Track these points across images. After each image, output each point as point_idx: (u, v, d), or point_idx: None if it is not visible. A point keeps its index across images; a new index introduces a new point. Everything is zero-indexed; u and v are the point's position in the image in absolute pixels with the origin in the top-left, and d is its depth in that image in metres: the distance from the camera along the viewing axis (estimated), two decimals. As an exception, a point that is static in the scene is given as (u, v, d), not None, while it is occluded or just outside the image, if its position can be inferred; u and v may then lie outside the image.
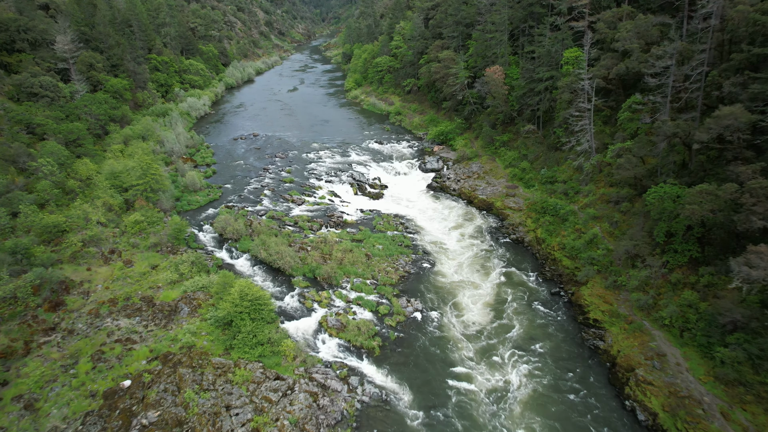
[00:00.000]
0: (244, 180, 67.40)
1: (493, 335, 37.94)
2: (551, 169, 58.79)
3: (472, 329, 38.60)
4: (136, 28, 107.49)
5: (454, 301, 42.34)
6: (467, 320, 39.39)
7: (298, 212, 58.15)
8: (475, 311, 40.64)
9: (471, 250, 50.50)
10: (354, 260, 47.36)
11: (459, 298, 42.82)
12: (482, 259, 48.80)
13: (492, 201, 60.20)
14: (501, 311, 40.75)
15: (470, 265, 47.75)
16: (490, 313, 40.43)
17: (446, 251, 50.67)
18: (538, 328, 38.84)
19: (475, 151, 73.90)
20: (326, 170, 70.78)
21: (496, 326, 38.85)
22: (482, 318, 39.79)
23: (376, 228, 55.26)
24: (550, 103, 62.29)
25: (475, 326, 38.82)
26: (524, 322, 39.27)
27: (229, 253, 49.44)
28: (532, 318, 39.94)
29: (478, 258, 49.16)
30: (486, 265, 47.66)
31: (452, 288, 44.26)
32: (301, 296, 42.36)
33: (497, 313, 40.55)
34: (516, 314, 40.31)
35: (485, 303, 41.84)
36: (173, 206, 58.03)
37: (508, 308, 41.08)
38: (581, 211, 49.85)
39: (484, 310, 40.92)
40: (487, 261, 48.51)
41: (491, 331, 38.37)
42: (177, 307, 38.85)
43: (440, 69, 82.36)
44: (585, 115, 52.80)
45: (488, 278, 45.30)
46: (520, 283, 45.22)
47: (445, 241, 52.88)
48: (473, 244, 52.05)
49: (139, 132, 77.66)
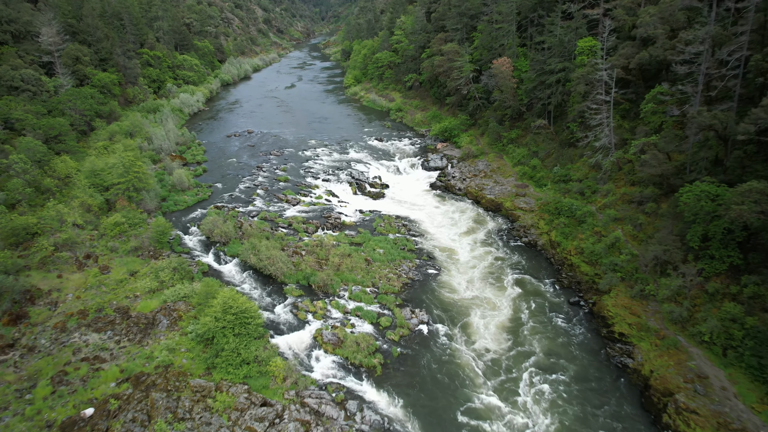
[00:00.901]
0: (236, 179, 63.38)
1: (509, 358, 33.33)
2: (564, 167, 54.76)
3: (486, 355, 33.67)
4: (127, 21, 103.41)
5: (466, 322, 37.03)
6: (480, 347, 34.34)
7: (293, 213, 54.11)
8: (488, 337, 35.32)
9: (482, 259, 46.06)
10: (352, 266, 43.35)
11: (471, 318, 37.46)
12: (494, 267, 44.56)
13: (501, 201, 56.18)
14: (518, 332, 35.81)
15: (482, 278, 42.70)
16: (506, 338, 35.23)
17: (454, 260, 46.39)
18: (559, 345, 34.63)
19: (481, 148, 69.89)
20: (323, 168, 66.77)
21: (513, 350, 34.03)
22: (498, 345, 34.50)
23: (376, 230, 51.22)
24: (563, 97, 58.28)
25: (489, 353, 33.80)
26: (543, 341, 34.82)
27: (216, 258, 45.40)
28: (551, 334, 35.72)
29: (488, 266, 45.08)
30: (498, 274, 43.24)
31: (463, 306, 38.94)
32: (294, 307, 38.31)
33: (514, 334, 35.60)
34: (533, 333, 35.63)
35: (500, 326, 36.49)
36: (158, 207, 53.98)
37: (525, 327, 36.32)
38: (600, 212, 45.82)
39: (499, 334, 35.65)
40: (499, 269, 44.39)
41: (507, 355, 33.74)
42: (155, 319, 34.80)
43: (443, 62, 78.33)
44: (602, 108, 48.79)
45: (503, 294, 40.38)
46: (534, 292, 41.18)
47: (453, 246, 48.69)
48: (483, 249, 47.90)
49: (127, 128, 73.64)
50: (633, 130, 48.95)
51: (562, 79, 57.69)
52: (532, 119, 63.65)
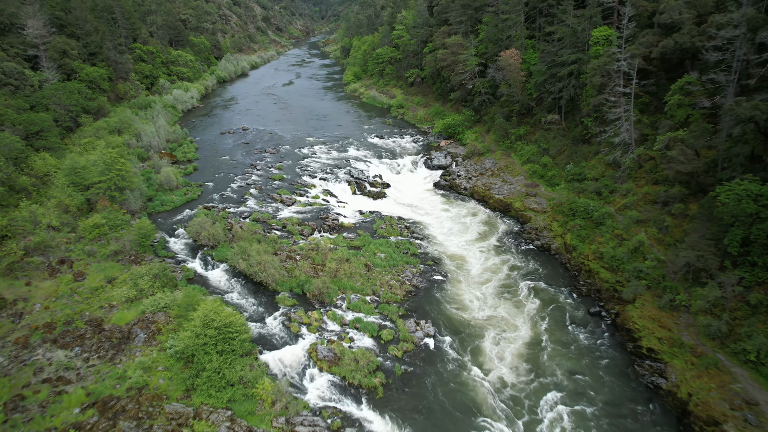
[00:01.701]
0: (228, 177, 59.79)
1: (528, 389, 29.40)
2: (578, 164, 51.17)
3: (502, 387, 29.53)
4: (119, 15, 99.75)
5: (478, 347, 32.50)
6: (495, 377, 29.96)
7: (288, 214, 50.51)
8: (505, 366, 30.72)
9: (496, 270, 42.02)
10: (351, 272, 39.76)
11: (484, 342, 32.86)
12: (509, 279, 40.78)
13: (510, 201, 52.59)
14: (537, 357, 31.48)
15: (496, 294, 38.18)
16: (525, 366, 30.82)
17: (464, 269, 42.62)
18: (582, 366, 30.78)
19: (488, 145, 66.31)
20: (321, 167, 63.19)
21: (532, 378, 29.97)
22: (515, 375, 30.05)
23: (377, 233, 47.63)
24: (576, 90, 54.67)
25: (507, 386, 29.48)
26: (564, 363, 30.91)
27: (203, 263, 41.81)
28: (573, 354, 31.86)
29: (503, 278, 41.47)
30: (513, 287, 39.25)
31: (475, 327, 34.40)
32: (287, 318, 34.71)
33: (532, 360, 31.27)
34: (554, 356, 31.54)
35: (517, 353, 31.88)
36: (144, 207, 50.39)
37: (544, 348, 32.27)
38: (620, 213, 42.25)
39: (516, 361, 31.17)
40: (512, 279, 40.75)
41: (526, 386, 29.70)
42: (131, 332, 31.23)
43: (447, 56, 74.72)
44: (621, 102, 45.22)
45: (520, 311, 35.99)
46: (550, 300, 37.59)
47: (463, 254, 44.95)
48: (497, 259, 44.25)
49: (115, 125, 70.08)
50: (654, 124, 45.41)
51: (574, 72, 54.09)
52: (542, 114, 60.09)
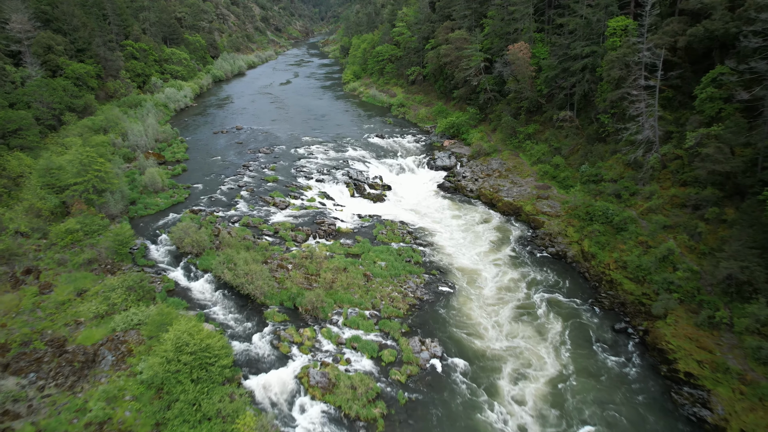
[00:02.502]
0: (219, 179, 56.05)
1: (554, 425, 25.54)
2: (594, 165, 47.42)
3: None
4: (109, 10, 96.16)
5: (494, 385, 27.75)
6: (515, 426, 25.38)
7: (281, 218, 46.75)
8: (526, 414, 26.04)
9: (512, 289, 37.96)
10: (349, 283, 35.99)
11: (501, 379, 28.13)
12: (526, 296, 36.81)
13: (520, 204, 48.83)
14: (562, 393, 27.01)
15: (513, 318, 33.37)
16: (549, 409, 26.22)
17: (475, 284, 38.73)
18: (613, 396, 26.79)
19: (494, 145, 62.59)
20: (318, 167, 59.45)
21: (559, 424, 25.55)
22: (539, 426, 25.30)
23: (377, 239, 43.87)
24: (590, 85, 50.97)
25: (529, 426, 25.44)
26: (593, 394, 26.98)
27: (186, 273, 38.03)
28: (603, 383, 27.66)
29: (519, 294, 37.68)
30: (531, 305, 35.11)
31: (491, 358, 29.66)
32: (275, 336, 30.90)
33: (558, 399, 26.79)
34: (581, 390, 27.20)
35: (540, 394, 27.10)
36: (125, 211, 46.64)
37: (570, 381, 27.95)
38: (643, 218, 38.49)
39: (541, 404, 26.50)
40: (530, 296, 36.86)
41: (552, 423, 25.75)
42: (97, 354, 27.45)
43: (451, 51, 71.08)
44: (641, 96, 41.51)
45: (541, 338, 31.36)
46: (570, 315, 33.80)
47: (474, 267, 41.24)
48: (509, 269, 40.48)
49: (101, 123, 66.40)
50: (678, 121, 41.68)
51: (589, 66, 50.40)
52: (552, 112, 56.41)
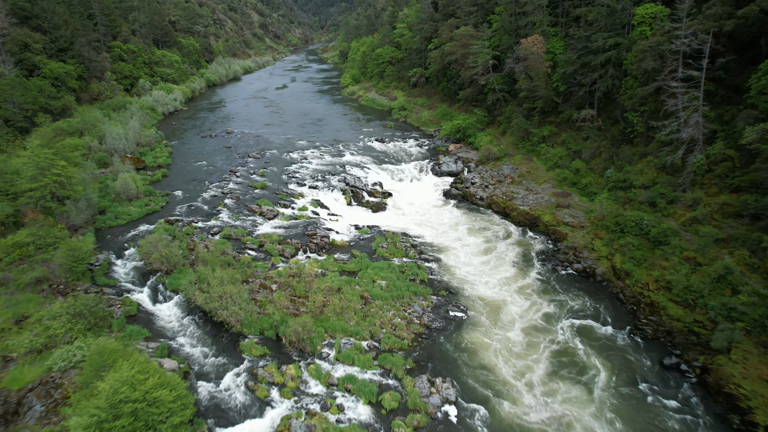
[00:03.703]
0: (202, 186, 50.64)
1: None
2: (621, 169, 42.05)
3: None
4: (96, 9, 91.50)
5: None
6: None
7: (267, 230, 41.27)
8: None
9: (545, 330, 31.71)
10: (343, 307, 30.42)
11: None
12: (565, 339, 31.14)
13: (537, 214, 43.40)
14: None
15: (550, 373, 25.91)
16: None
17: (494, 314, 33.36)
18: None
19: (504, 149, 57.30)
20: (312, 173, 54.08)
21: None
22: None
23: (376, 253, 38.35)
24: (613, 81, 45.77)
25: None
26: None
27: (152, 294, 32.47)
28: None
29: (556, 336, 32.02)
30: (571, 351, 29.20)
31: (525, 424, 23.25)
32: (251, 376, 25.27)
33: None
34: None
35: None
36: (90, 221, 41.19)
37: None
38: (687, 229, 33.02)
39: None
40: (559, 327, 31.31)
41: None
42: (22, 403, 21.83)
43: (456, 48, 66.09)
44: (680, 90, 36.25)
45: (587, 388, 24.90)
46: (606, 346, 28.21)
47: (492, 293, 35.65)
48: (546, 309, 34.51)
49: (77, 125, 61.24)
50: (721, 118, 36.40)
51: (612, 59, 45.25)
52: (570, 111, 51.13)
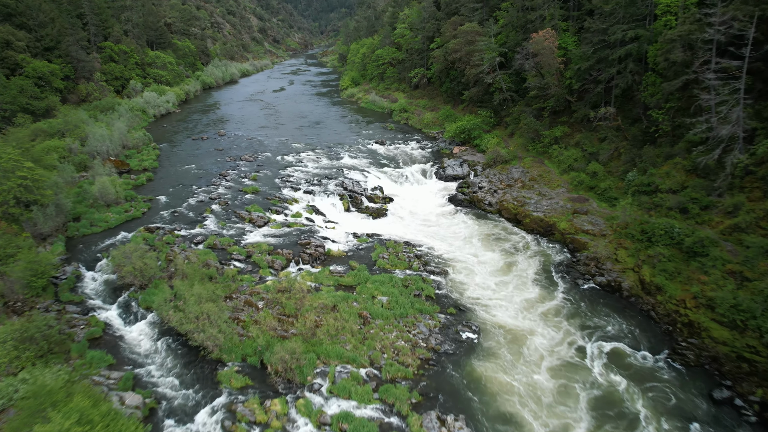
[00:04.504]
0: (188, 190, 46.95)
1: None
2: (645, 172, 38.41)
3: None
4: (86, 8, 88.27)
5: None
6: None
7: (257, 238, 37.51)
8: None
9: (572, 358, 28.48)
10: (338, 327, 26.62)
11: None
12: (600, 379, 27.37)
13: (553, 221, 39.68)
14: None
15: (587, 416, 22.10)
16: None
17: (520, 354, 29.07)
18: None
19: (513, 151, 53.69)
20: (307, 177, 50.41)
21: None
22: None
23: (377, 265, 34.55)
24: (634, 77, 42.25)
25: None
26: None
27: (123, 312, 28.66)
28: None
29: (599, 378, 28.14)
30: (618, 400, 25.86)
31: None
32: (229, 413, 21.40)
33: None
34: None
35: None
36: (62, 228, 37.45)
37: None
38: (727, 239, 29.29)
39: None
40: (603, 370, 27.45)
41: None
42: (-52, 452, 17.99)
43: (461, 46, 62.67)
44: (713, 84, 32.67)
45: None
46: (645, 377, 24.36)
47: (513, 320, 31.67)
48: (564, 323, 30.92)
49: (59, 126, 57.71)
50: (760, 114, 32.80)
51: (633, 53, 41.73)
52: (585, 110, 47.56)
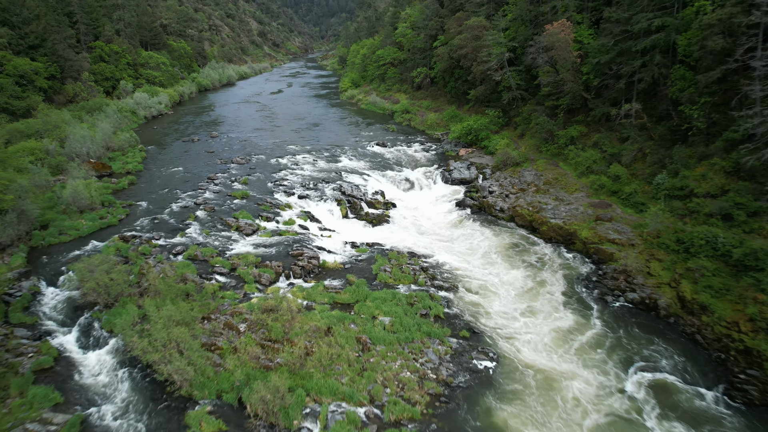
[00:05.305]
0: (173, 195, 43.05)
1: None
2: (677, 174, 34.46)
3: None
4: (76, 6, 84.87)
5: None
6: None
7: (244, 248, 33.51)
8: None
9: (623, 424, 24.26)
10: (333, 355, 22.57)
11: None
12: None
13: (573, 229, 35.67)
14: None
15: None
16: None
17: (555, 407, 25.02)
18: None
19: (525, 153, 49.78)
20: (302, 181, 46.49)
21: None
22: None
23: (378, 279, 30.51)
24: (660, 70, 38.40)
25: None
26: None
27: (83, 336, 24.63)
28: None
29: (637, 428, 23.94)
30: None
31: None
32: (195, 470, 17.44)
33: None
34: None
35: None
36: (25, 237, 33.48)
37: None
38: (784, 250, 25.31)
39: None
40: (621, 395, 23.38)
41: None
42: None
43: (467, 41, 58.91)
44: (759, 73, 28.83)
45: None
46: (700, 418, 20.29)
47: (547, 360, 26.71)
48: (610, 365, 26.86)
49: (38, 127, 54.00)
50: (812, 109, 28.93)
51: (660, 44, 37.91)
52: (603, 108, 43.70)
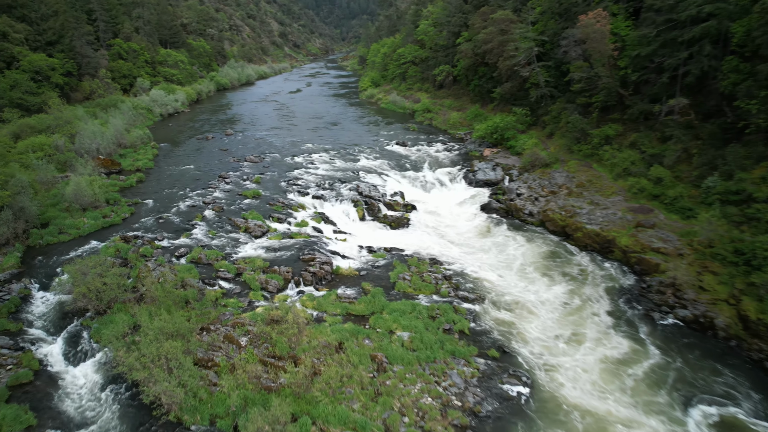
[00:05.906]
0: (182, 193, 41.02)
1: None
2: (731, 177, 30.84)
3: None
4: (96, 4, 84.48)
5: None
6: None
7: (251, 252, 31.09)
8: None
9: None
10: (344, 376, 19.84)
11: None
12: None
13: (612, 236, 32.31)
14: None
15: None
16: None
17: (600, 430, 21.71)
18: None
19: (554, 153, 46.44)
20: (317, 180, 44.04)
21: None
22: None
23: (396, 288, 27.70)
24: (710, 62, 34.80)
25: None
26: None
27: (70, 347, 22.42)
28: None
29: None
30: None
31: None
32: None
33: None
34: None
35: None
36: (21, 236, 31.66)
37: None
38: None
39: None
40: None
41: None
42: None
43: (493, 35, 55.82)
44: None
45: None
46: (782, 465, 17.01)
47: (600, 402, 23.85)
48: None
49: (49, 122, 52.83)
50: None
51: (711, 33, 34.33)
52: (642, 105, 40.16)
